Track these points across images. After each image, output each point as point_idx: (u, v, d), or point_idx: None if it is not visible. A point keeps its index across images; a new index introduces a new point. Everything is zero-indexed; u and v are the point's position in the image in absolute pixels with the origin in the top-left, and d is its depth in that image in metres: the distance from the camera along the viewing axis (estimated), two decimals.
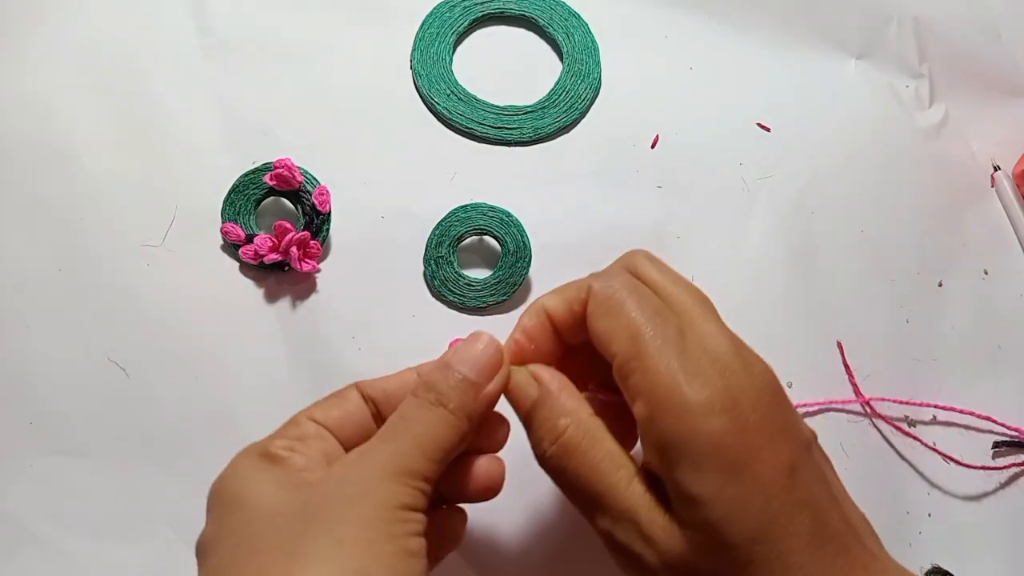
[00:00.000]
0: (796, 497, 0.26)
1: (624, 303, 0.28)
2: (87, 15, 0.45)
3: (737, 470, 0.25)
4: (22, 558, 0.38)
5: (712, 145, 0.47)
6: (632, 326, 0.27)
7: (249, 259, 0.42)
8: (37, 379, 0.40)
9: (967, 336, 0.45)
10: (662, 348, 0.27)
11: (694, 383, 0.26)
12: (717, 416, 0.25)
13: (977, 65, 0.50)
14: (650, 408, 0.26)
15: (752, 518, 0.25)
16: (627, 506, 0.27)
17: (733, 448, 0.25)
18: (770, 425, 0.26)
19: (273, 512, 0.26)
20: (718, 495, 0.25)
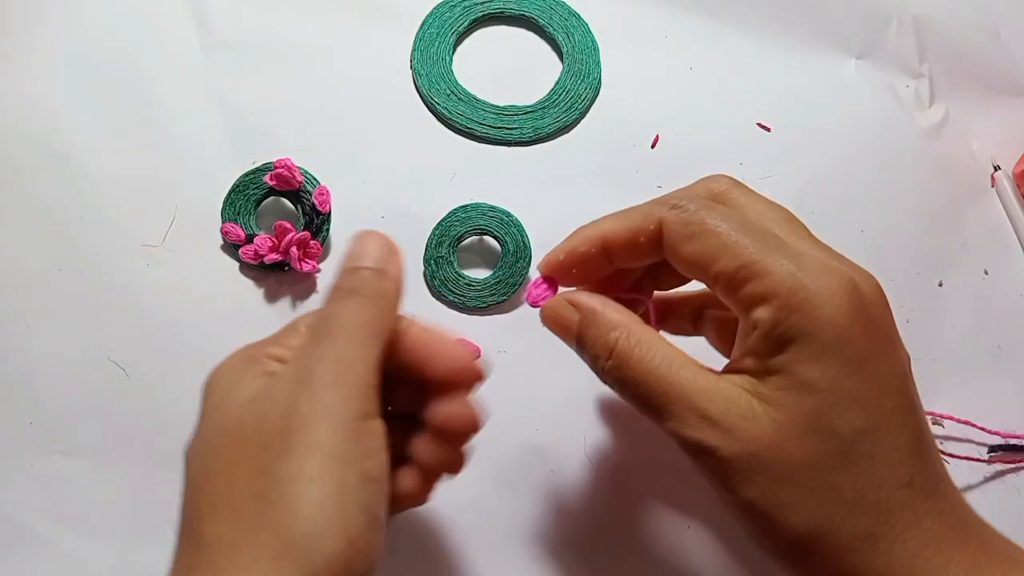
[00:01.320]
0: (908, 401, 0.26)
1: (711, 222, 0.27)
2: (87, 15, 0.45)
3: (859, 364, 0.25)
4: (22, 558, 0.38)
5: (712, 145, 0.47)
6: (729, 240, 0.27)
7: (249, 259, 0.42)
8: (37, 379, 0.40)
9: (967, 336, 0.45)
10: (771, 254, 0.26)
11: (818, 279, 0.26)
12: (845, 309, 0.25)
13: (977, 65, 0.50)
14: (775, 310, 0.26)
15: (865, 411, 0.25)
16: (696, 401, 0.27)
17: (857, 342, 0.25)
18: (888, 328, 0.27)
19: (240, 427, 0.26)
20: (837, 385, 0.25)
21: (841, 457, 0.25)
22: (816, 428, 0.25)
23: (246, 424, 0.26)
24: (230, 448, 0.26)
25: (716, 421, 0.26)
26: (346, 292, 0.29)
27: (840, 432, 0.25)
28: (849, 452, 0.25)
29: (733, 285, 0.27)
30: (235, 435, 0.26)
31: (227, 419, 0.27)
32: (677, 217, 0.28)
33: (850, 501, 0.25)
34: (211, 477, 0.26)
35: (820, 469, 0.25)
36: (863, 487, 0.25)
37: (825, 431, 0.25)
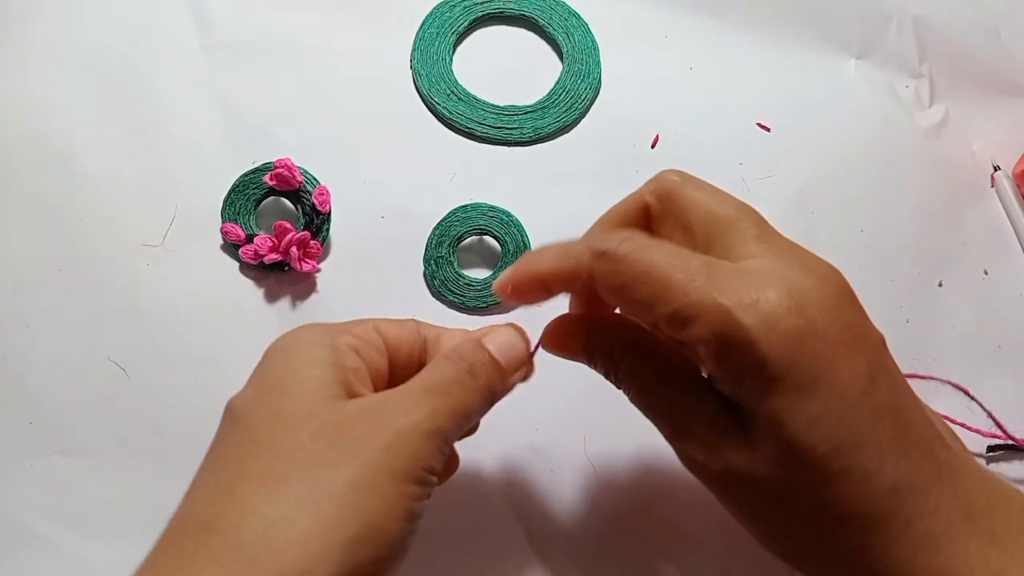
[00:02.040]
0: (876, 404, 0.25)
1: (637, 269, 0.26)
2: (87, 15, 0.45)
3: (812, 384, 0.24)
4: (22, 558, 0.38)
5: (712, 145, 0.47)
6: (657, 287, 0.25)
7: (249, 259, 0.42)
8: (37, 379, 0.40)
9: (967, 336, 0.45)
10: (702, 290, 0.25)
11: (753, 307, 0.24)
12: (785, 336, 0.24)
13: (977, 65, 0.50)
14: (715, 350, 0.25)
15: (831, 431, 0.24)
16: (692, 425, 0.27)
17: (806, 361, 0.24)
18: (841, 330, 0.25)
19: (309, 411, 0.26)
20: (795, 412, 0.24)
21: (820, 478, 0.25)
22: (790, 459, 0.25)
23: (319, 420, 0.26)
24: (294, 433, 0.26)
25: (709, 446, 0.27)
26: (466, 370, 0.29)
27: (812, 458, 0.25)
28: (827, 472, 0.25)
29: (674, 328, 0.26)
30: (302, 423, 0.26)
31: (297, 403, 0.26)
32: (604, 269, 0.27)
33: (837, 517, 0.25)
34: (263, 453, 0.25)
35: (802, 492, 0.25)
36: (847, 503, 0.25)
37: (799, 460, 0.25)
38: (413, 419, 0.26)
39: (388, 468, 0.25)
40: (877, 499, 0.25)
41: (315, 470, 0.25)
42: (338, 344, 0.28)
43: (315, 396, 0.26)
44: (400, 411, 0.27)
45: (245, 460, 0.25)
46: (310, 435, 0.25)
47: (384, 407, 0.27)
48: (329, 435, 0.25)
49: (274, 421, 0.26)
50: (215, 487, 0.25)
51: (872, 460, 0.25)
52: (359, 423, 0.26)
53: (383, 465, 0.25)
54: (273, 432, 0.26)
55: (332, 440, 0.25)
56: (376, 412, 0.26)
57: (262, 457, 0.25)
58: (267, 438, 0.26)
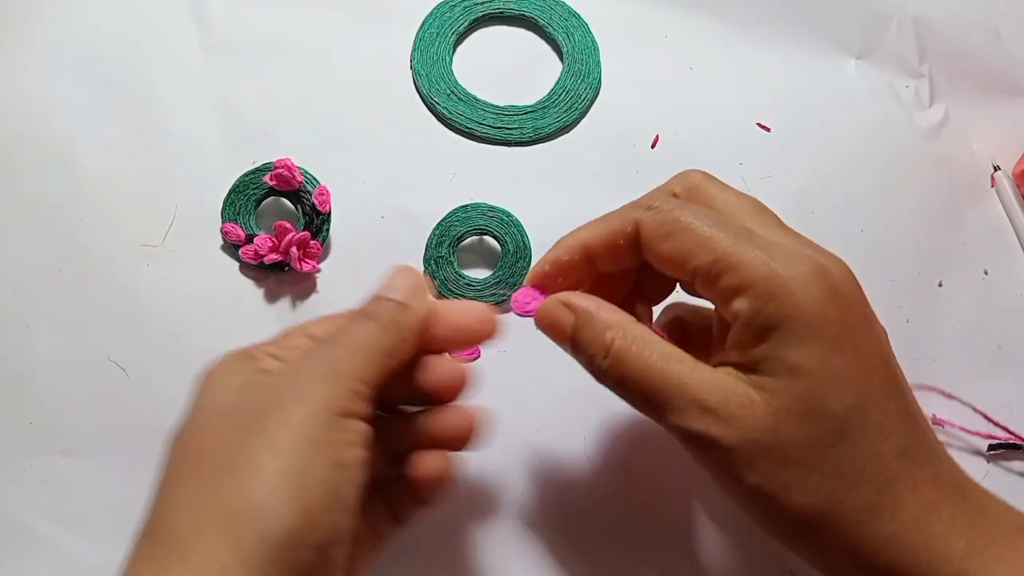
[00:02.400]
0: (892, 374, 0.27)
1: (684, 220, 0.28)
2: (87, 15, 0.45)
3: (840, 343, 0.26)
4: (22, 558, 0.38)
5: (712, 145, 0.47)
6: (703, 236, 0.28)
7: (249, 259, 0.42)
8: (37, 379, 0.40)
9: (967, 336, 0.45)
10: (743, 245, 0.27)
11: (791, 266, 0.26)
12: (819, 292, 0.26)
13: (977, 65, 0.50)
14: (752, 299, 0.26)
15: (853, 387, 0.26)
16: (695, 393, 0.27)
17: (836, 322, 0.26)
18: (862, 307, 0.28)
19: (224, 411, 0.27)
20: (822, 365, 0.26)
21: (837, 434, 0.26)
22: (809, 409, 0.26)
23: (230, 408, 0.27)
24: (210, 428, 0.27)
25: (716, 411, 0.27)
26: (363, 315, 0.30)
27: (832, 410, 0.26)
28: (844, 428, 0.26)
29: (710, 279, 0.28)
30: (217, 417, 0.27)
31: (212, 403, 0.28)
32: (652, 218, 0.29)
33: (850, 476, 0.26)
34: (185, 455, 0.27)
35: (819, 448, 0.26)
36: (861, 461, 0.26)
37: (818, 411, 0.26)
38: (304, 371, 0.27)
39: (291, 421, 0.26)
40: (890, 457, 0.26)
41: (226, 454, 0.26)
42: (254, 353, 0.30)
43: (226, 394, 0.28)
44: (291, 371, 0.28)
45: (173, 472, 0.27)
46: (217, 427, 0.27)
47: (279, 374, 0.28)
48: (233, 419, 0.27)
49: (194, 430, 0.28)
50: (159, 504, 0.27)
51: (886, 422, 0.26)
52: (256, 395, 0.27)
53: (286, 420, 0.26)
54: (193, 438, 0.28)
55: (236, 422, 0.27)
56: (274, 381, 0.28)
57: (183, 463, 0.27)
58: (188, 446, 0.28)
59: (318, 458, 0.25)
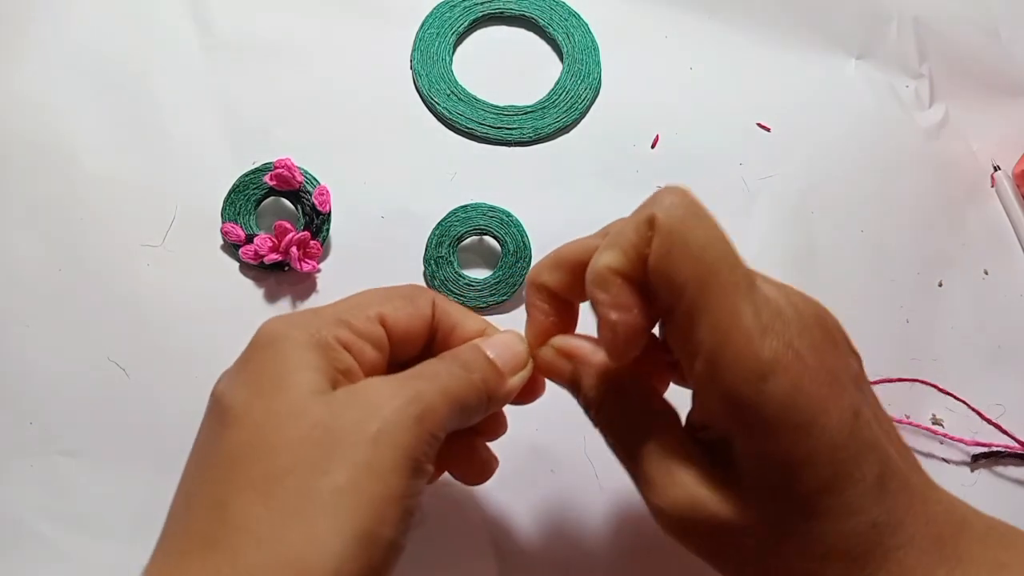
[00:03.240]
0: (862, 441, 0.25)
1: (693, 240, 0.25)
2: (87, 15, 0.45)
3: (806, 426, 0.24)
4: (22, 558, 0.38)
5: (712, 145, 0.47)
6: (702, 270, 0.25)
7: (249, 259, 0.42)
8: (37, 379, 0.40)
9: (967, 336, 0.45)
10: (735, 300, 0.24)
11: (764, 343, 0.24)
12: (785, 378, 0.24)
13: (977, 65, 0.50)
14: (716, 368, 0.24)
15: (822, 469, 0.25)
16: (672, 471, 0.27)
17: (801, 404, 0.24)
18: (829, 369, 0.25)
19: (299, 411, 0.25)
20: (789, 453, 0.24)
21: (805, 518, 0.25)
22: (777, 498, 0.25)
23: (304, 418, 0.25)
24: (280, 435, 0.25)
25: (687, 496, 0.26)
26: (461, 365, 0.28)
27: (801, 497, 0.25)
28: (812, 511, 0.25)
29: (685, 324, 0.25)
30: (291, 423, 0.25)
31: (290, 403, 0.26)
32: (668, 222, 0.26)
33: (820, 554, 0.26)
34: (257, 458, 0.25)
35: (786, 534, 0.26)
36: (831, 540, 0.25)
37: (785, 498, 0.25)
38: (398, 403, 0.25)
39: (378, 466, 0.24)
40: (859, 535, 0.25)
41: (304, 478, 0.24)
42: (330, 342, 0.27)
43: (304, 396, 0.26)
44: (385, 397, 0.26)
45: (238, 467, 0.25)
46: (299, 438, 0.25)
47: (369, 395, 0.26)
48: (317, 435, 0.25)
49: (265, 424, 0.25)
50: (210, 499, 0.25)
51: (856, 497, 0.25)
52: (345, 416, 0.25)
53: (372, 463, 0.24)
54: (264, 436, 0.25)
55: (320, 440, 0.25)
56: (362, 402, 0.26)
57: (254, 465, 0.25)
58: (259, 442, 0.25)
59: (391, 512, 0.24)
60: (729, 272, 0.25)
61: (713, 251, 0.25)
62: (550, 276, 0.30)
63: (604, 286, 0.26)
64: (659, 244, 0.25)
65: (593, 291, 0.27)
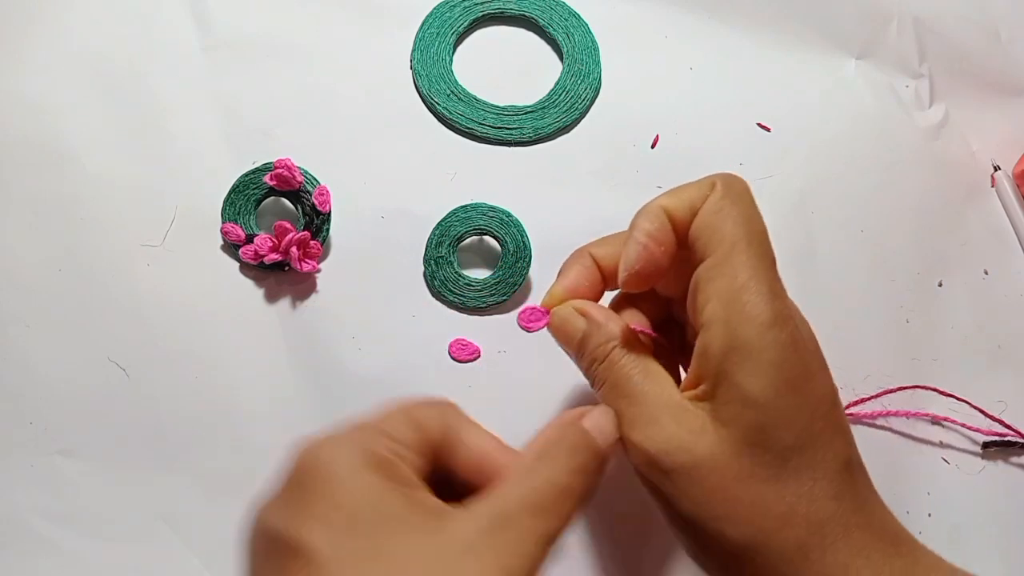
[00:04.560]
0: (836, 423, 0.28)
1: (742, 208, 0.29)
2: (86, 15, 0.45)
3: (795, 384, 0.27)
4: (22, 558, 0.38)
5: (712, 145, 0.47)
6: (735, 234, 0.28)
7: (249, 259, 0.42)
8: (37, 379, 0.40)
9: (967, 336, 0.45)
10: (761, 262, 0.28)
11: (776, 301, 0.27)
12: (787, 333, 0.27)
13: (977, 65, 0.50)
14: (728, 311, 0.27)
15: (798, 428, 0.27)
16: (653, 410, 0.28)
17: (795, 364, 0.27)
18: (819, 357, 0.29)
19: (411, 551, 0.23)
20: (775, 401, 0.26)
21: (773, 472, 0.26)
22: (752, 443, 0.27)
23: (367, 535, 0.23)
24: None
25: (666, 431, 0.28)
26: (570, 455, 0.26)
27: (774, 448, 0.26)
28: (781, 468, 0.26)
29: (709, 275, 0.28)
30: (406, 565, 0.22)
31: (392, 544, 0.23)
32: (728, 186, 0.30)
33: (782, 514, 0.26)
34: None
35: (754, 481, 0.27)
36: (793, 500, 0.26)
37: (760, 447, 0.27)
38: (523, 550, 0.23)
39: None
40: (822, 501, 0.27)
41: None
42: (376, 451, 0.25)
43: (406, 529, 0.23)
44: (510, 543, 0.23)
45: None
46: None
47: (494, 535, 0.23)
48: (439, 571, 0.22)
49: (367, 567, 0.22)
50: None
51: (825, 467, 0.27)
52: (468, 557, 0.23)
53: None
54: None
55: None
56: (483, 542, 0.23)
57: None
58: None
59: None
60: (760, 244, 0.28)
61: (755, 223, 0.29)
62: (598, 248, 0.33)
63: (651, 218, 0.30)
64: (715, 200, 0.29)
65: (638, 219, 0.30)
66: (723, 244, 0.28)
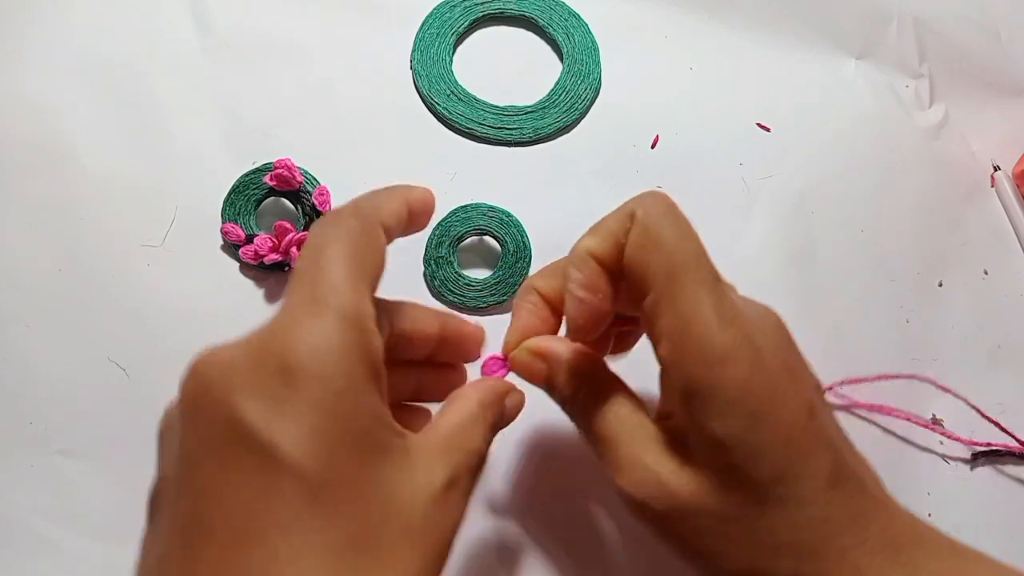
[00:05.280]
0: (816, 437, 0.26)
1: (667, 236, 0.27)
2: (86, 15, 0.45)
3: (761, 414, 0.25)
4: (21, 558, 0.38)
5: (712, 145, 0.47)
6: (666, 266, 0.26)
7: (249, 259, 0.42)
8: (37, 379, 0.40)
9: (967, 336, 0.45)
10: (699, 292, 0.26)
11: (725, 332, 0.25)
12: (743, 364, 0.25)
13: (977, 65, 0.50)
14: (677, 353, 0.26)
15: (775, 459, 0.26)
16: (632, 457, 0.28)
17: (757, 394, 0.25)
18: (788, 368, 0.27)
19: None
20: (743, 438, 0.25)
21: (755, 508, 0.26)
22: (730, 483, 0.26)
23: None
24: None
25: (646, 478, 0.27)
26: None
27: (752, 485, 0.26)
28: (762, 503, 0.26)
29: (655, 311, 0.27)
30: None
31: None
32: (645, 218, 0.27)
33: (771, 546, 0.26)
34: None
35: (740, 519, 0.26)
36: (781, 531, 0.26)
37: (738, 485, 0.26)
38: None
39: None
40: (811, 528, 0.26)
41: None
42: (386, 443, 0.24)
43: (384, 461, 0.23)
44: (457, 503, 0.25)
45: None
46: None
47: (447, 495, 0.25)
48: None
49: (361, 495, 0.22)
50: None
51: (809, 491, 0.26)
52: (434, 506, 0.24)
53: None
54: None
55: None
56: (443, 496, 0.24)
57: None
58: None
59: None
60: (696, 269, 0.26)
61: (684, 247, 0.27)
62: (543, 281, 0.32)
63: (579, 265, 0.28)
64: (636, 235, 0.27)
65: (569, 269, 0.28)
66: (656, 279, 0.26)
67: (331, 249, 0.24)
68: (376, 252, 0.26)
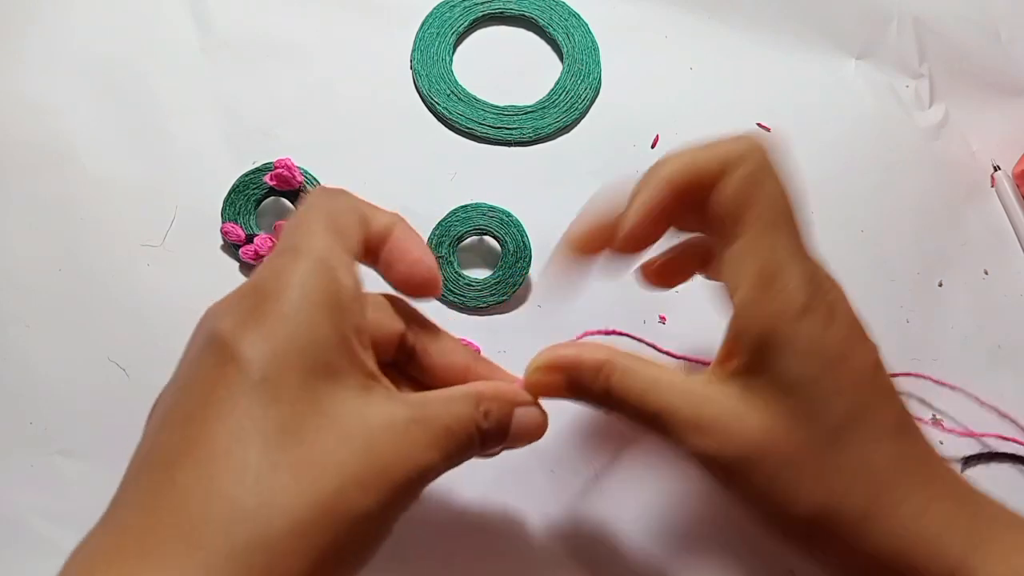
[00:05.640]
0: (882, 387, 0.28)
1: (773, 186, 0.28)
2: (86, 15, 0.45)
3: (834, 363, 0.27)
4: (21, 558, 0.38)
5: None
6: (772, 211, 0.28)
7: (249, 259, 0.42)
8: (37, 379, 0.40)
9: (967, 336, 0.45)
10: (793, 244, 0.28)
11: (809, 285, 0.27)
12: (820, 317, 0.27)
13: (977, 65, 0.50)
14: (761, 298, 0.27)
15: (844, 402, 0.27)
16: (687, 414, 0.28)
17: (832, 343, 0.27)
18: (856, 324, 0.28)
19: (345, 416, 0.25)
20: (816, 383, 0.26)
21: (829, 444, 0.27)
22: (801, 422, 0.27)
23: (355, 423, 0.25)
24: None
25: (710, 429, 0.27)
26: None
27: (824, 422, 0.27)
28: (835, 439, 0.27)
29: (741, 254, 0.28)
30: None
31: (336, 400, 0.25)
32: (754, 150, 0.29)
33: (843, 483, 0.27)
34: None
35: (811, 458, 0.27)
36: (853, 469, 0.27)
37: (810, 424, 0.27)
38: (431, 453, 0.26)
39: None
40: (881, 469, 0.27)
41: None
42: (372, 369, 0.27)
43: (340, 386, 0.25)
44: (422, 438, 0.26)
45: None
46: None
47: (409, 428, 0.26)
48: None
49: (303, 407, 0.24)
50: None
51: (880, 431, 0.27)
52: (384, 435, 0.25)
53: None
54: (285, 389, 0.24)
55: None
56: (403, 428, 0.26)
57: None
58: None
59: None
60: (792, 223, 0.28)
61: (786, 201, 0.29)
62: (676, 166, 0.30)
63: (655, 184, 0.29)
64: (742, 179, 0.28)
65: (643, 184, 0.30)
66: (754, 225, 0.27)
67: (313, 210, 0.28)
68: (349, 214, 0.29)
